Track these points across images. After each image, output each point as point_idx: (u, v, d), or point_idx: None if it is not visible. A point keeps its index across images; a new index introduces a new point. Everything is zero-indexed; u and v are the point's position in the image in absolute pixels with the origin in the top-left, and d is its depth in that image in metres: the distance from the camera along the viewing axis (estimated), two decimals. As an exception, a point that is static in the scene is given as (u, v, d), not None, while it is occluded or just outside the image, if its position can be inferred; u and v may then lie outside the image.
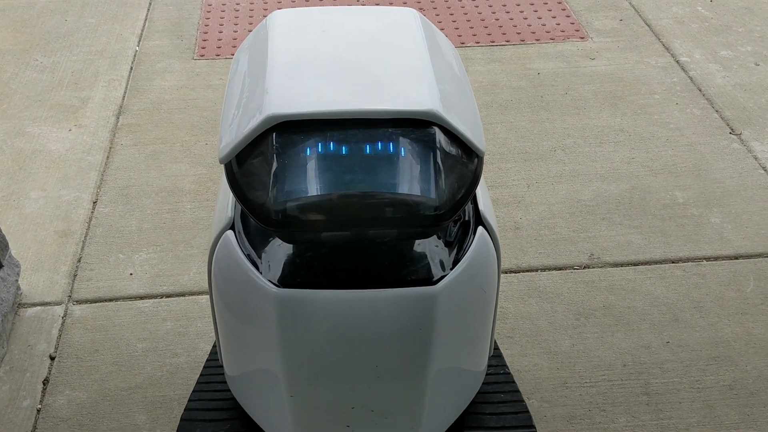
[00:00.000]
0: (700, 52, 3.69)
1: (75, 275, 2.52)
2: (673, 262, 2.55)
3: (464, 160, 1.36)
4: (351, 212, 1.28)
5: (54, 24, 3.95)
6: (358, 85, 1.35)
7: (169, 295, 2.44)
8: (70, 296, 2.44)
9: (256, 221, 1.28)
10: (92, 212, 2.77)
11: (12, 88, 3.46)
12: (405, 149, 1.32)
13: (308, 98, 1.32)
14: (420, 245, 1.46)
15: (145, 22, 3.96)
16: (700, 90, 3.42)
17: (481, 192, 1.55)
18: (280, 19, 1.53)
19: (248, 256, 1.41)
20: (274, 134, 1.29)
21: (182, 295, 2.44)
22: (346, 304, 1.37)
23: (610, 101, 3.36)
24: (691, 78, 3.50)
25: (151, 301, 2.42)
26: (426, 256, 1.45)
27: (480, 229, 1.46)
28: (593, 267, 2.53)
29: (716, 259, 2.56)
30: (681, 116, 3.26)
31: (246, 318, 1.45)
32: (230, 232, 1.44)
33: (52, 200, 2.82)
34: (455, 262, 1.42)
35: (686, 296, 2.42)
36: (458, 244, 1.47)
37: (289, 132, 1.29)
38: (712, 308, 2.38)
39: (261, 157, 1.29)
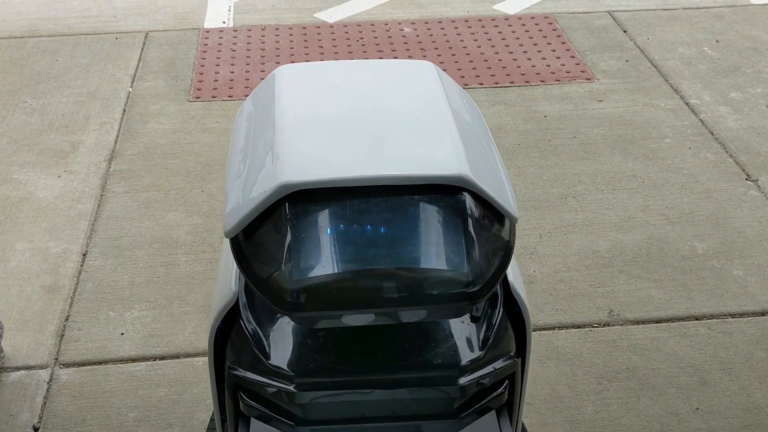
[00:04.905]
0: (710, 93, 3.60)
1: (62, 335, 2.36)
2: (697, 319, 2.42)
3: (497, 228, 1.23)
4: (376, 291, 1.14)
5: (45, 64, 3.83)
6: (378, 148, 1.22)
7: (162, 357, 2.29)
8: (56, 359, 2.28)
9: (269, 303, 1.14)
10: (82, 265, 2.62)
11: (-1, 132, 3.33)
12: (433, 218, 1.19)
13: (324, 163, 1.19)
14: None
15: (139, 63, 3.84)
16: (712, 133, 3.32)
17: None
18: (287, 74, 1.40)
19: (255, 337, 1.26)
20: (287, 204, 1.15)
21: (177, 357, 2.28)
22: None
23: (621, 145, 3.25)
24: (702, 121, 3.40)
25: (144, 363, 2.26)
26: None
27: None
28: (613, 324, 2.40)
29: (742, 315, 2.43)
30: (694, 161, 3.15)
31: None
32: None
33: (40, 252, 2.67)
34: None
35: (713, 357, 2.28)
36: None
37: (303, 201, 1.16)
38: (742, 370, 2.24)
39: (273, 230, 1.16)
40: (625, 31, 4.13)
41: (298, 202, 1.16)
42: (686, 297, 2.49)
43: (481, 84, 3.69)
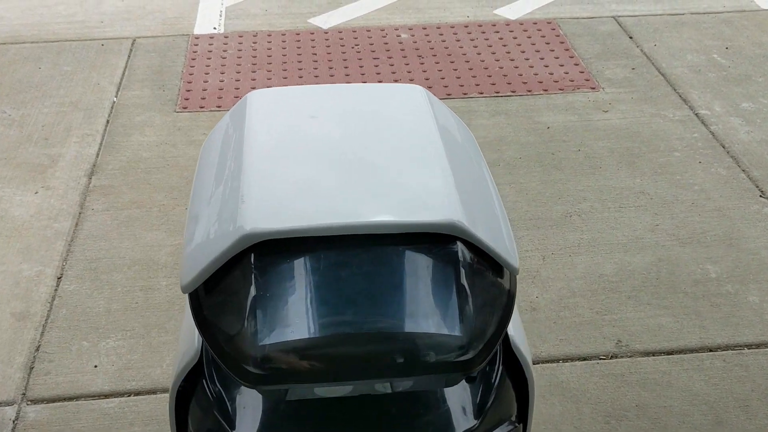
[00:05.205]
0: (720, 104, 3.44)
1: (32, 368, 2.21)
2: (710, 350, 2.26)
3: (495, 281, 1.07)
4: (355, 360, 0.98)
5: (26, 72, 3.68)
6: (358, 190, 1.07)
7: (138, 393, 2.13)
8: (24, 394, 2.13)
9: (231, 375, 0.98)
10: (56, 290, 2.47)
11: (-24, 144, 3.18)
12: (421, 272, 1.03)
13: (295, 208, 1.03)
14: None
15: (124, 71, 3.69)
16: (723, 146, 3.16)
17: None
18: (260, 101, 1.24)
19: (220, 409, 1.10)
20: (253, 255, 1.00)
21: (153, 392, 2.13)
22: None
23: (628, 159, 3.09)
24: (712, 133, 3.25)
25: (117, 400, 2.11)
26: None
27: None
28: (621, 356, 2.24)
29: (758, 346, 2.28)
30: (705, 176, 2.99)
31: None
32: None
33: (11, 276, 2.52)
34: None
35: (729, 392, 2.13)
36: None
37: (271, 252, 1.01)
38: (760, 407, 2.09)
39: (236, 286, 1.00)
40: (631, 38, 3.97)
41: (264, 254, 1.00)
42: (699, 326, 2.34)
43: (481, 93, 3.54)
